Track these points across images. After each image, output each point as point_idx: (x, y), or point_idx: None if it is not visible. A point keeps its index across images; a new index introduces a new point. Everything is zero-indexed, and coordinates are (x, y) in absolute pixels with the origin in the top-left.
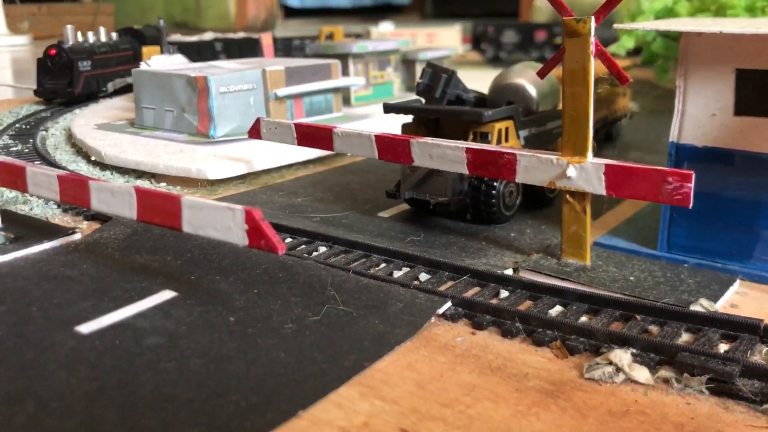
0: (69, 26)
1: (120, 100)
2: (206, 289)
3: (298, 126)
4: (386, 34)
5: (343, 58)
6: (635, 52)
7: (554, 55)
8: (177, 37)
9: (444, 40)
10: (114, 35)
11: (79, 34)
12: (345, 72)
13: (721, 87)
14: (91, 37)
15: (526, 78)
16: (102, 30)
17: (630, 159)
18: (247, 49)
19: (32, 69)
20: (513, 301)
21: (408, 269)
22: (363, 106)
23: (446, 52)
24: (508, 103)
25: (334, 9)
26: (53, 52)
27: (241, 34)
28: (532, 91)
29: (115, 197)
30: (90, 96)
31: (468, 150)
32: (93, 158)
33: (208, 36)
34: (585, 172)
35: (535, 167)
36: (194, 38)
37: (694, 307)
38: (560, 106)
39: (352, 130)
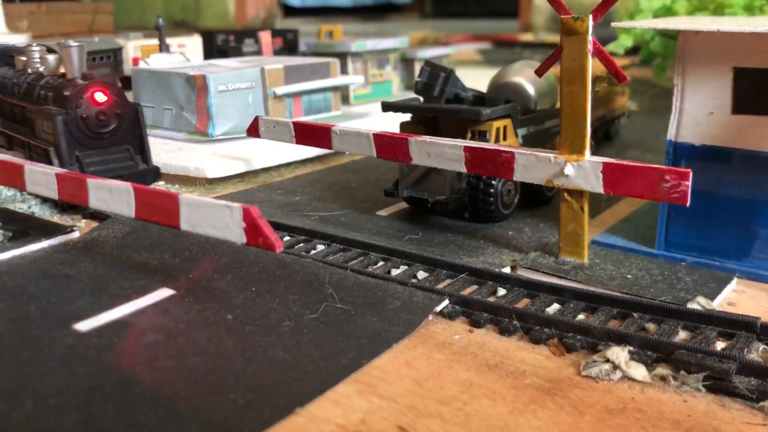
0: None
1: None
2: (204, 287)
3: (296, 124)
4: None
5: (342, 56)
6: (633, 50)
7: (552, 53)
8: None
9: (187, 50)
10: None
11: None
12: (344, 70)
13: (718, 85)
14: None
15: (525, 76)
16: None
17: (628, 157)
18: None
19: None
20: (510, 299)
21: (406, 267)
22: (362, 105)
23: (446, 51)
24: (506, 102)
25: (334, 8)
26: None
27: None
28: (531, 90)
29: (114, 195)
30: None
31: (466, 148)
32: None
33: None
34: (583, 170)
35: (533, 166)
36: None
37: (692, 305)
38: (558, 105)
39: (351, 128)
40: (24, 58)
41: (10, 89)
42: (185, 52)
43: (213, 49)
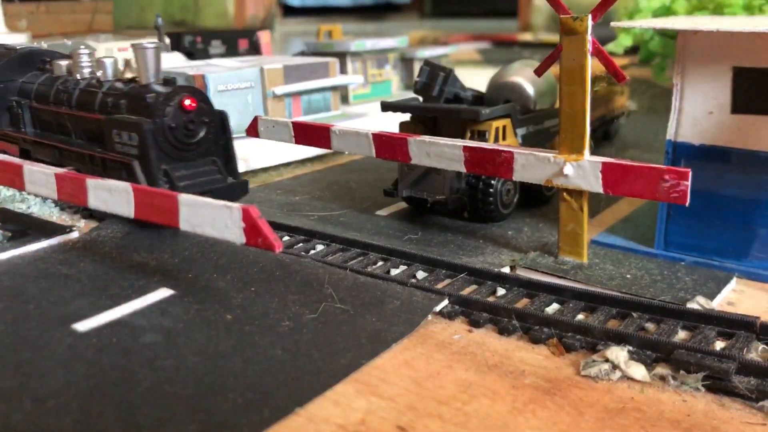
0: None
1: None
2: (203, 287)
3: (296, 124)
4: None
5: (342, 56)
6: (633, 50)
7: (552, 53)
8: None
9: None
10: None
11: None
12: (343, 70)
13: (718, 85)
14: None
15: (524, 76)
16: None
17: (627, 157)
18: None
19: None
20: (510, 299)
21: (405, 267)
22: (361, 105)
23: (445, 51)
24: (505, 102)
25: (333, 8)
26: None
27: None
28: (530, 90)
29: (113, 195)
30: None
31: (465, 148)
32: None
33: None
34: (582, 170)
35: (532, 165)
36: None
37: (691, 305)
38: (558, 105)
39: (350, 128)
40: (63, 62)
41: (54, 97)
42: None
43: (180, 51)
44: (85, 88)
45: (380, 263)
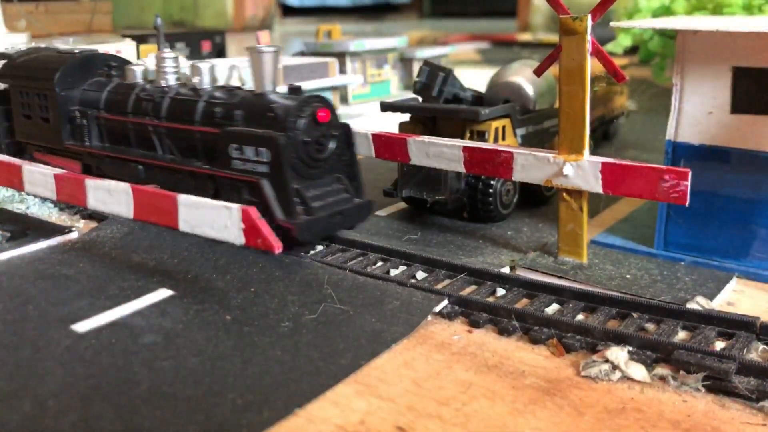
0: None
1: None
2: (203, 288)
3: None
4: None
5: (341, 56)
6: (632, 50)
7: (551, 53)
8: None
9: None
10: None
11: None
12: (342, 70)
13: (717, 85)
14: None
15: (523, 76)
16: None
17: (627, 157)
18: None
19: None
20: (510, 299)
21: (405, 267)
22: (360, 104)
23: (445, 51)
24: (505, 102)
25: (333, 8)
26: None
27: None
28: (529, 90)
29: (112, 196)
30: None
31: (465, 148)
32: None
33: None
34: (582, 170)
35: (532, 165)
36: None
37: (691, 305)
38: (557, 105)
39: None
40: (137, 68)
41: (133, 106)
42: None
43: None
44: (178, 96)
45: (380, 263)
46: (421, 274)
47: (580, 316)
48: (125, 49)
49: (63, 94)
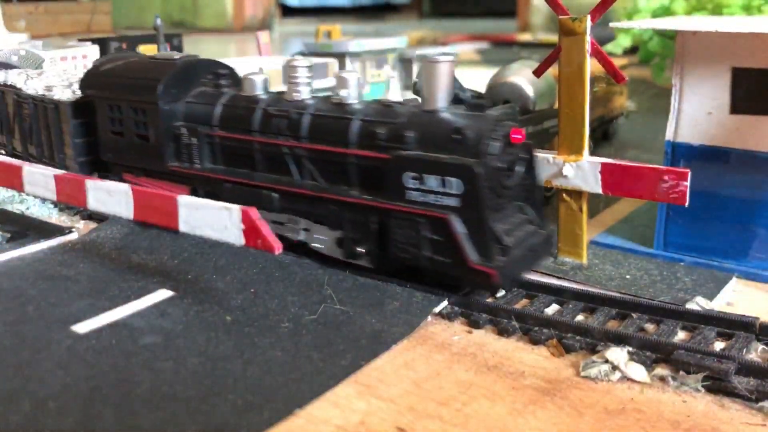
0: None
1: None
2: (203, 289)
3: None
4: None
5: (341, 56)
6: (632, 50)
7: (551, 53)
8: None
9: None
10: None
11: None
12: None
13: (717, 85)
14: None
15: (523, 77)
16: None
17: (626, 158)
18: None
19: None
20: (509, 300)
21: None
22: None
23: (445, 51)
24: (504, 102)
25: (332, 8)
26: None
27: None
28: (529, 90)
29: (112, 197)
30: None
31: None
32: None
33: None
34: (581, 170)
35: None
36: None
37: (690, 305)
38: (557, 105)
39: None
40: (258, 78)
41: (261, 124)
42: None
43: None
44: (322, 113)
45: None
46: None
47: (579, 317)
48: (90, 52)
49: (167, 108)
